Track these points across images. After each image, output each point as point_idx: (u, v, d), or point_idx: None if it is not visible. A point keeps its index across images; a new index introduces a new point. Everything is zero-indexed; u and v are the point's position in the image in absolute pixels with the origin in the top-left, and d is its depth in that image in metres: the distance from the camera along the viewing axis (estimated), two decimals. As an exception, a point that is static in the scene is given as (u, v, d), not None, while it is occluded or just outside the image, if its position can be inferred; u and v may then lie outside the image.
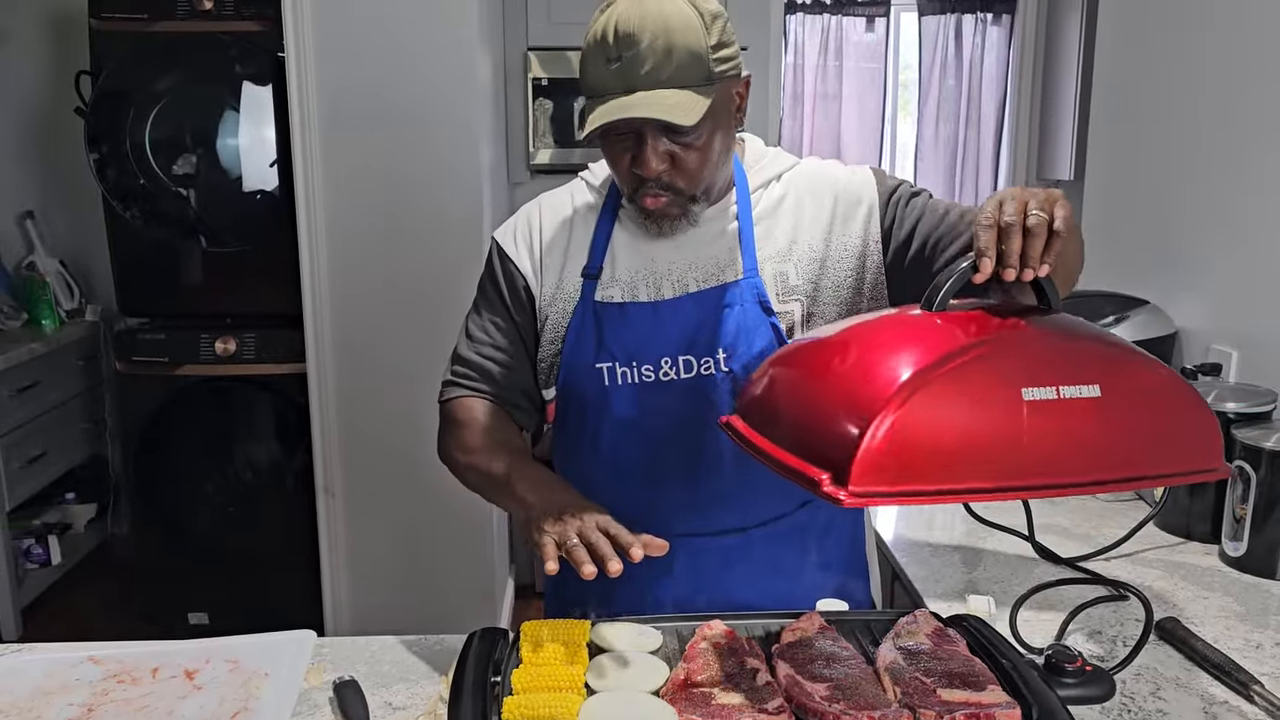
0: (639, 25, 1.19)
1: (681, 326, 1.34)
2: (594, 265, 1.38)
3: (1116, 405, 0.94)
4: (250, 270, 3.12)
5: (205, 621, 3.23)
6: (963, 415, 0.90)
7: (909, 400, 0.89)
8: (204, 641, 1.35)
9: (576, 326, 1.37)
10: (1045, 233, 0.98)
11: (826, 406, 0.95)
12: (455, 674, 1.07)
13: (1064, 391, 0.91)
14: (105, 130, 2.99)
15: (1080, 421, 0.92)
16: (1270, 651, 1.31)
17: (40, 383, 3.60)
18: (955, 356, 0.92)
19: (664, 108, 1.19)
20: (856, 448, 0.87)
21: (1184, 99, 2.11)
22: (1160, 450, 0.97)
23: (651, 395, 1.35)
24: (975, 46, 4.54)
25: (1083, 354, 0.98)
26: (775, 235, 1.37)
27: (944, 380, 0.91)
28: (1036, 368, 0.93)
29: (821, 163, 1.44)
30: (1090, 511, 1.82)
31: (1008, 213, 0.99)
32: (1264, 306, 1.85)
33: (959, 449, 0.89)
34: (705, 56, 1.21)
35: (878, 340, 1.01)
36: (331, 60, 2.76)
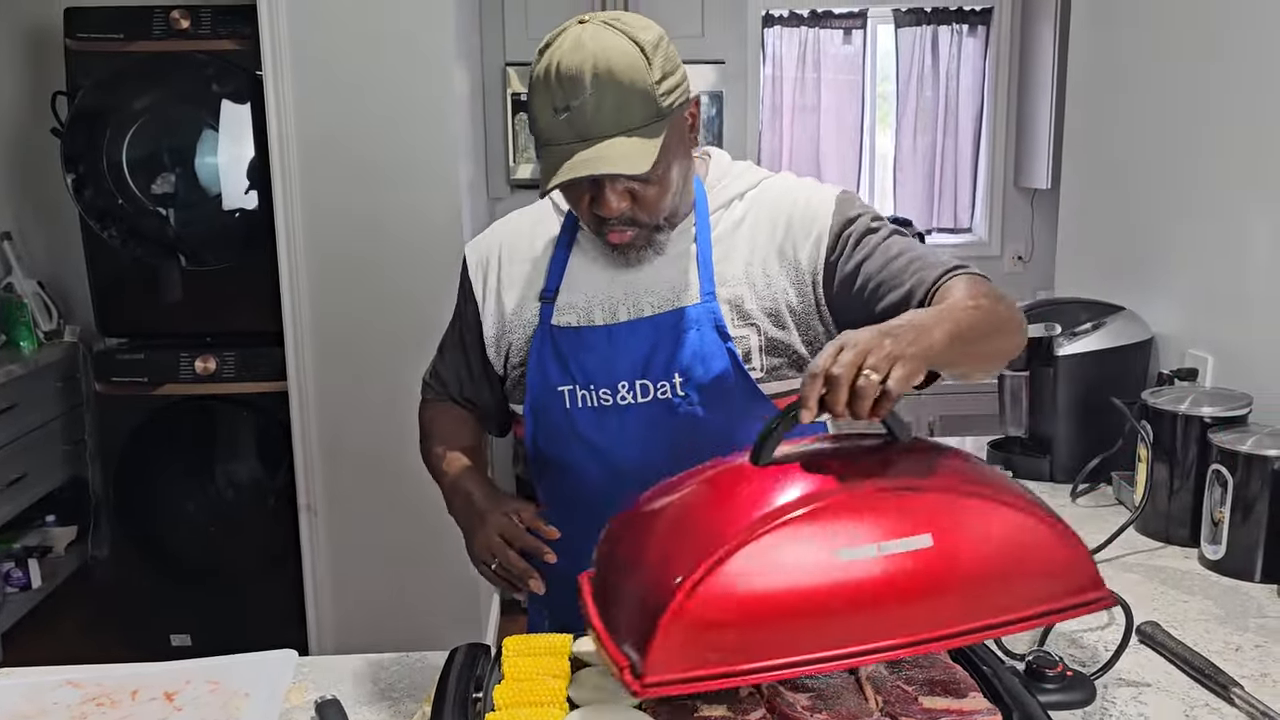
0: (580, 71, 1.18)
1: (637, 350, 1.34)
2: (550, 289, 1.39)
3: (951, 553, 0.88)
4: (230, 289, 3.12)
5: (187, 643, 3.21)
6: (770, 586, 0.86)
7: (704, 582, 0.85)
8: (184, 663, 1.34)
9: (537, 349, 1.38)
10: (872, 393, 0.94)
11: (631, 589, 0.93)
12: (437, 691, 1.07)
13: (886, 547, 0.87)
14: (82, 150, 2.98)
15: (908, 576, 0.87)
16: (1250, 654, 1.32)
17: (19, 404, 3.57)
18: (763, 524, 0.88)
19: (616, 160, 1.19)
20: (649, 639, 0.85)
21: (1157, 108, 2.13)
22: (1018, 590, 0.91)
23: (611, 419, 1.35)
24: (951, 58, 4.57)
25: (914, 501, 0.92)
26: (732, 258, 1.35)
27: (747, 553, 0.86)
28: (856, 524, 0.88)
29: (790, 182, 1.42)
30: (1069, 517, 1.82)
31: (839, 364, 0.95)
32: (1239, 311, 1.86)
33: (766, 624, 0.85)
34: (652, 93, 1.21)
35: (689, 508, 0.98)
36: (309, 78, 2.76)
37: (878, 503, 0.91)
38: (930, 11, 4.50)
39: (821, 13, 4.48)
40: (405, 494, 2.73)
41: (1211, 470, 1.59)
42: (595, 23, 1.22)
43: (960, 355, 1.08)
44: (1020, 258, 4.69)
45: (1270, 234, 1.78)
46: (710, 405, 1.33)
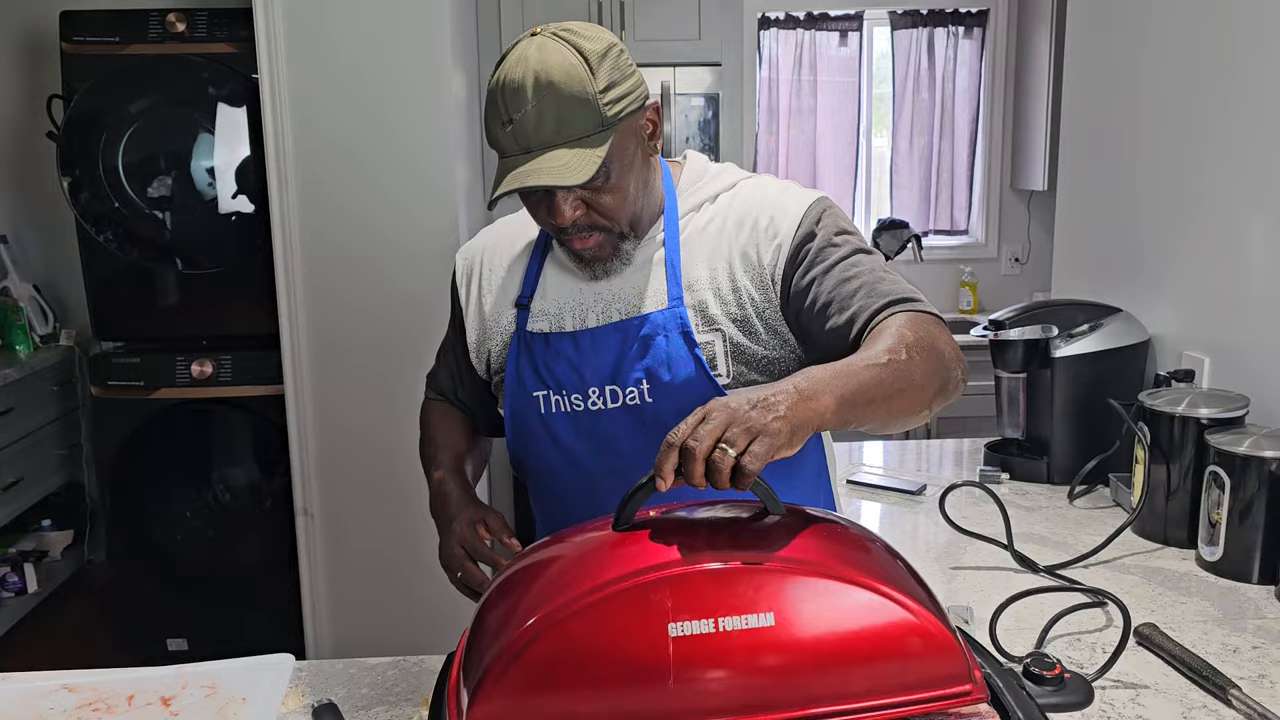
0: (523, 83, 1.19)
1: (605, 356, 1.34)
2: (524, 296, 1.41)
3: (795, 635, 0.85)
4: (226, 292, 3.11)
5: (184, 647, 3.20)
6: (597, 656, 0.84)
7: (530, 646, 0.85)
8: (180, 667, 1.34)
9: (514, 356, 1.40)
10: (727, 469, 0.92)
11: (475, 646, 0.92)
12: (434, 695, 1.06)
13: (725, 624, 0.84)
14: (78, 154, 2.97)
15: (747, 655, 0.84)
16: (1248, 655, 1.32)
17: (15, 409, 3.57)
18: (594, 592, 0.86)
19: (555, 171, 1.19)
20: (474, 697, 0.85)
21: (1154, 109, 2.14)
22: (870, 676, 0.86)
23: (584, 424, 1.36)
24: (948, 60, 4.58)
25: (763, 578, 0.88)
26: (698, 262, 1.34)
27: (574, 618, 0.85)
28: (695, 599, 0.85)
29: (767, 185, 1.39)
30: (1067, 520, 1.83)
31: (695, 437, 0.94)
32: (1236, 313, 1.87)
33: (590, 692, 0.84)
34: (595, 103, 1.21)
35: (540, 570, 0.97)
36: (305, 81, 2.76)
37: (724, 578, 0.87)
38: (926, 14, 4.51)
39: (818, 15, 4.49)
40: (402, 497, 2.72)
41: (1209, 472, 1.59)
42: (545, 34, 1.23)
43: (855, 417, 1.06)
44: (1017, 259, 4.69)
45: (1266, 235, 1.78)
46: (679, 411, 1.29)
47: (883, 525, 1.87)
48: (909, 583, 0.92)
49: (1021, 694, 1.01)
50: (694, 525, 0.97)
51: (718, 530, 0.95)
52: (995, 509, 1.70)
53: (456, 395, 1.56)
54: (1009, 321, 2.03)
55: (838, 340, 1.25)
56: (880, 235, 4.44)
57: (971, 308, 4.61)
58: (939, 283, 4.69)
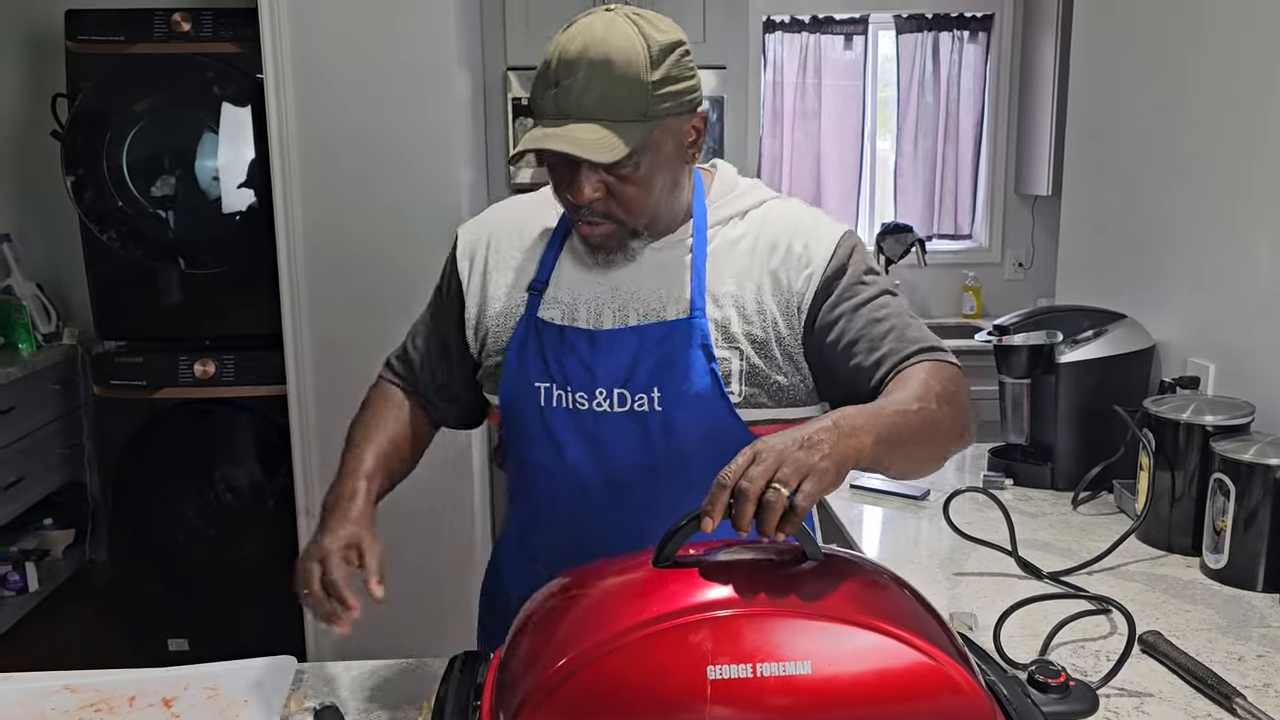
0: (580, 53, 1.17)
1: (619, 359, 1.30)
2: (539, 280, 1.36)
3: (830, 684, 0.86)
4: (229, 292, 3.11)
5: (185, 648, 3.20)
6: (635, 693, 0.85)
7: (570, 679, 0.86)
8: (182, 669, 1.34)
9: (520, 340, 1.35)
10: (780, 509, 0.93)
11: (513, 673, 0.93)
12: (437, 698, 1.06)
13: (762, 669, 0.85)
14: (82, 153, 2.97)
15: (782, 702, 0.85)
16: (1252, 664, 1.32)
17: (17, 407, 3.57)
18: (639, 629, 0.87)
19: (580, 143, 1.17)
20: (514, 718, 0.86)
21: (1159, 115, 2.13)
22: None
23: (585, 423, 1.32)
24: (953, 64, 4.57)
25: (802, 626, 0.89)
26: (725, 278, 1.32)
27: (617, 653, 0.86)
28: (735, 643, 0.86)
29: (798, 210, 1.37)
30: (1072, 526, 1.83)
31: (747, 478, 0.94)
32: (1241, 320, 1.86)
33: None
34: (644, 90, 1.18)
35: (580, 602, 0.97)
36: (310, 81, 2.75)
37: (763, 623, 0.88)
38: (931, 18, 4.50)
39: (823, 18, 4.48)
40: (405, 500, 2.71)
41: (1214, 479, 1.58)
42: (619, 13, 1.21)
43: (888, 459, 1.07)
44: (1021, 264, 4.69)
45: (1272, 242, 1.77)
46: (686, 424, 1.29)
47: (886, 530, 1.87)
48: (941, 636, 0.92)
49: (1026, 702, 1.01)
50: (734, 567, 0.96)
51: (758, 574, 0.95)
52: (999, 515, 1.69)
53: (432, 379, 1.49)
54: (1013, 327, 2.03)
55: (860, 378, 1.25)
56: (884, 239, 4.44)
57: (975, 312, 4.61)
58: (942, 287, 4.68)
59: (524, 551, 1.47)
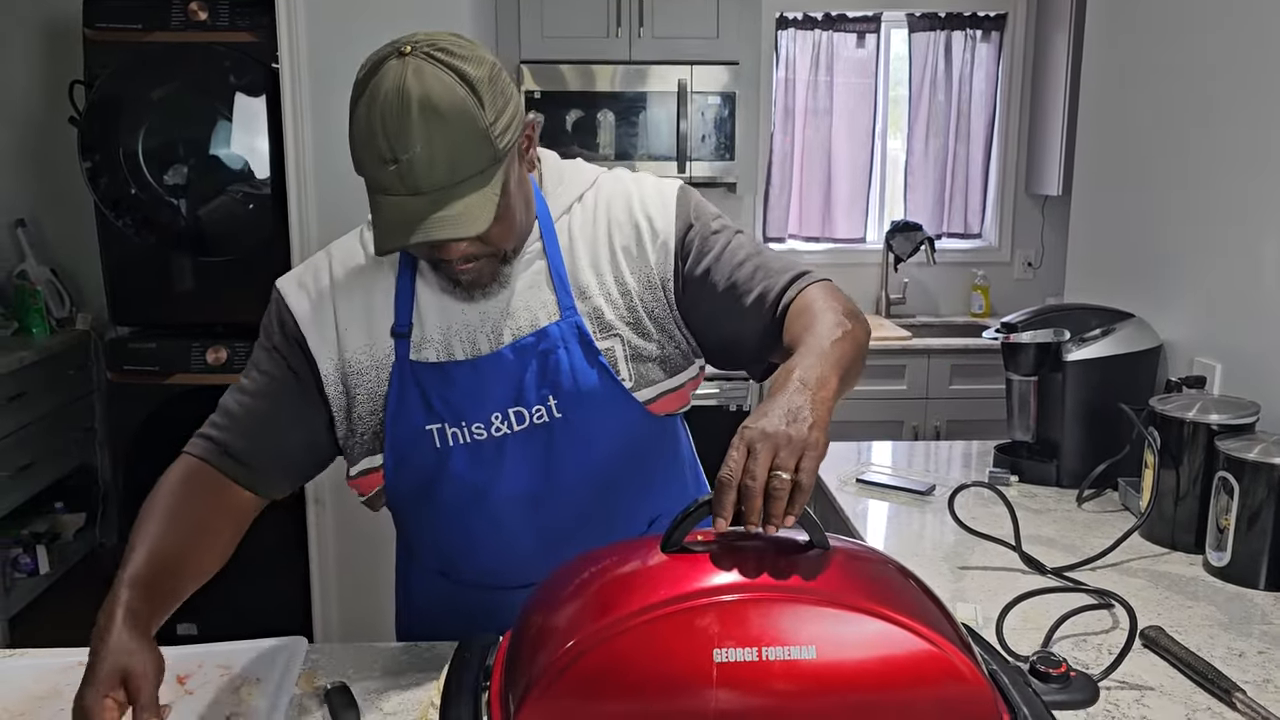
0: (406, 119, 1.08)
1: (505, 379, 1.28)
2: (402, 324, 1.29)
3: (835, 669, 0.87)
4: (242, 279, 3.12)
5: (194, 632, 3.22)
6: (640, 674, 0.86)
7: (578, 661, 0.87)
8: (195, 647, 1.36)
9: (397, 390, 1.29)
10: (787, 493, 0.93)
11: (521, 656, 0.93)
12: (446, 679, 1.08)
13: (768, 653, 0.85)
14: (98, 139, 2.99)
15: (786, 686, 0.85)
16: (1253, 659, 1.33)
17: (30, 391, 3.60)
18: (647, 612, 0.88)
19: (459, 221, 1.11)
20: (520, 707, 0.87)
21: (1170, 115, 2.14)
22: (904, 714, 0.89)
23: (486, 452, 1.29)
24: (965, 63, 4.57)
25: (807, 611, 0.89)
26: (582, 267, 1.31)
27: (625, 635, 0.87)
28: (742, 625, 0.87)
29: (624, 180, 1.37)
30: (1076, 523, 1.84)
31: (750, 475, 0.94)
32: (1248, 320, 1.87)
33: (633, 709, 0.86)
34: (487, 137, 1.12)
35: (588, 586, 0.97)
36: (324, 71, 2.77)
37: (770, 608, 0.89)
38: (944, 16, 4.51)
39: (835, 16, 4.49)
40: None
41: (1218, 477, 1.59)
42: (419, 54, 1.12)
43: (842, 389, 1.08)
44: (1030, 264, 4.69)
45: (1281, 243, 1.78)
46: (588, 421, 1.29)
47: (891, 525, 1.88)
48: (946, 626, 0.93)
49: (1027, 690, 1.02)
50: (742, 553, 0.97)
51: (765, 559, 0.96)
52: (1004, 510, 1.71)
53: (240, 444, 1.30)
54: (1021, 324, 2.04)
55: (745, 322, 1.28)
56: (894, 237, 4.45)
57: (984, 311, 4.61)
58: (951, 286, 4.69)
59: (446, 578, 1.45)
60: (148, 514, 1.19)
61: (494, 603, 1.34)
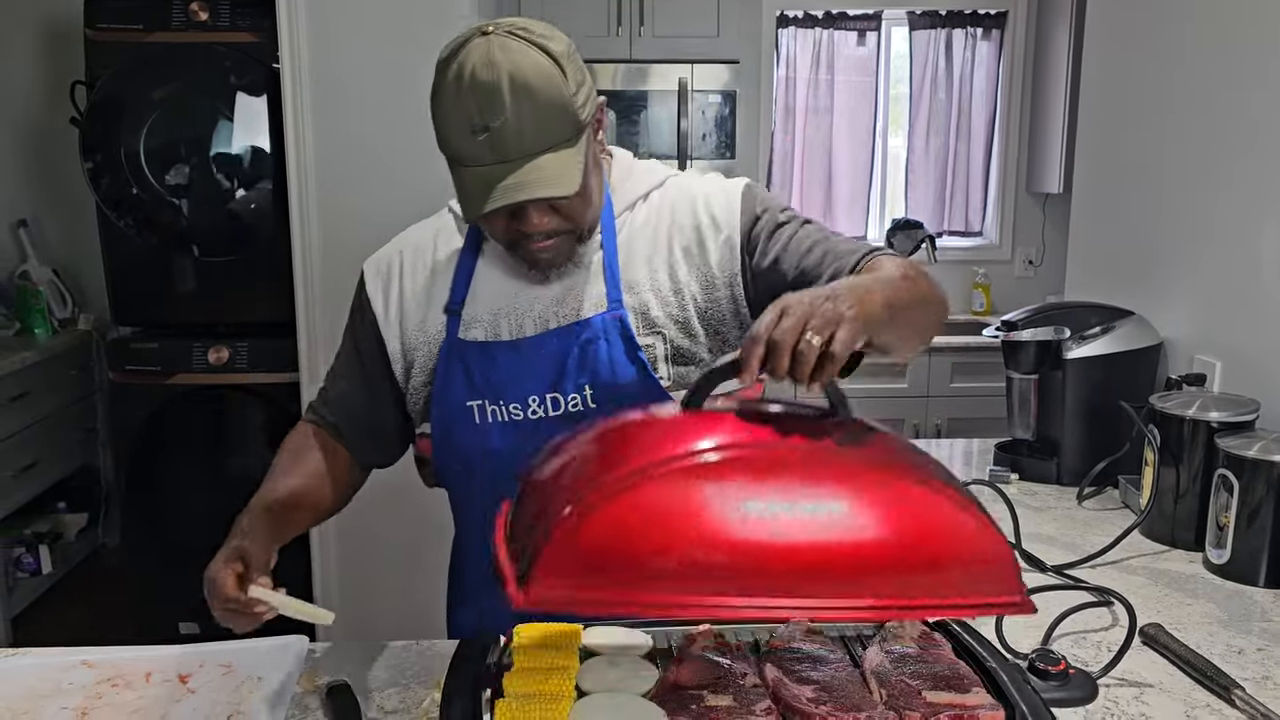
0: (497, 88, 1.13)
1: (545, 364, 1.30)
2: (455, 302, 1.35)
3: (862, 525, 0.85)
4: (243, 279, 3.13)
5: (196, 631, 3.22)
6: (668, 520, 0.84)
7: (601, 506, 0.84)
8: (197, 646, 1.36)
9: (444, 365, 1.34)
10: (814, 357, 0.92)
11: (534, 506, 0.91)
12: (447, 678, 1.08)
13: (799, 509, 0.84)
14: (99, 140, 3.00)
15: (813, 541, 0.84)
16: (1252, 657, 1.33)
17: (32, 391, 3.60)
18: (675, 460, 0.86)
19: (546, 183, 1.16)
20: (539, 552, 0.83)
21: (1170, 114, 2.14)
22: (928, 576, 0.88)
23: (523, 433, 1.31)
24: (965, 61, 4.58)
25: (835, 469, 0.89)
26: (637, 263, 1.33)
27: (652, 482, 0.85)
28: (770, 479, 0.85)
29: (694, 181, 1.39)
30: (1076, 520, 1.84)
31: (780, 329, 0.93)
32: (1248, 317, 1.87)
33: (659, 555, 0.83)
34: (570, 107, 1.17)
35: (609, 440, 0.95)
36: (325, 71, 2.77)
37: (796, 462, 0.88)
38: (945, 14, 4.51)
39: (836, 14, 4.49)
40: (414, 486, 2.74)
41: (1218, 475, 1.60)
42: (500, 33, 1.17)
43: (894, 324, 1.06)
44: (1031, 262, 4.69)
45: (1281, 241, 1.78)
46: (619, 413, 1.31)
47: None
48: (969, 497, 0.92)
49: (1026, 688, 1.03)
50: (768, 413, 0.95)
51: (791, 419, 0.94)
52: (1004, 508, 1.71)
53: (357, 421, 1.44)
54: (1021, 322, 2.04)
55: None
56: (894, 235, 4.45)
57: (985, 309, 4.61)
58: (952, 284, 4.69)
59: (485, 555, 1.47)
60: (281, 456, 1.44)
61: None
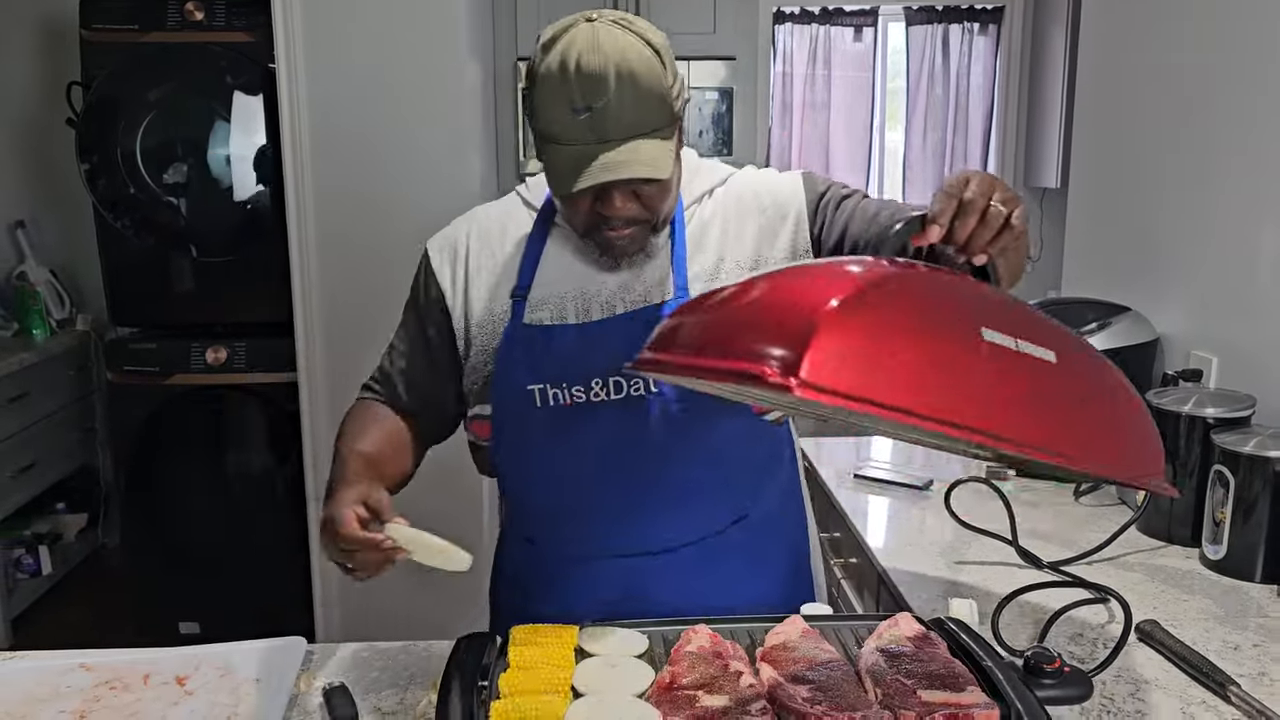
0: (603, 71, 1.16)
1: (610, 348, 1.31)
2: (522, 286, 1.36)
3: (1068, 378, 0.93)
4: (241, 279, 3.13)
5: (196, 631, 3.23)
6: (922, 330, 0.87)
7: (867, 297, 0.86)
8: (195, 648, 1.36)
9: (506, 348, 1.35)
10: (999, 224, 0.99)
11: (771, 311, 0.89)
12: (444, 678, 1.08)
13: (1022, 346, 0.90)
14: (96, 140, 2.99)
15: (1033, 382, 0.91)
16: (1249, 653, 1.33)
17: (30, 393, 3.60)
18: (911, 277, 0.92)
19: (644, 164, 1.18)
20: (810, 334, 0.81)
21: (1166, 109, 2.14)
22: (1103, 444, 0.97)
23: (582, 416, 1.33)
24: (962, 56, 4.57)
25: (1042, 323, 0.97)
26: (706, 255, 1.36)
27: (904, 289, 0.90)
28: (995, 314, 0.91)
29: (754, 175, 1.43)
30: (1072, 516, 1.84)
31: (971, 191, 0.98)
32: (1245, 313, 1.87)
33: (913, 365, 0.84)
34: (668, 96, 1.21)
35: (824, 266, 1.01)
36: (321, 71, 2.77)
37: (1014, 308, 0.97)
38: (941, 9, 4.51)
39: (833, 10, 4.49)
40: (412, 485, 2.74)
41: (1214, 471, 1.60)
42: (605, 22, 1.21)
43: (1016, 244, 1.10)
44: (1029, 257, 4.68)
45: (1276, 237, 1.78)
46: (682, 400, 1.32)
47: (890, 520, 1.89)
48: None
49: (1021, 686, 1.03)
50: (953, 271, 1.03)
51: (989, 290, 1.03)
52: (1001, 505, 1.71)
53: (414, 397, 1.45)
54: (1018, 319, 2.04)
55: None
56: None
57: (982, 304, 4.61)
58: (950, 279, 4.68)
59: (527, 541, 1.48)
60: (353, 421, 1.42)
61: (572, 573, 1.39)
